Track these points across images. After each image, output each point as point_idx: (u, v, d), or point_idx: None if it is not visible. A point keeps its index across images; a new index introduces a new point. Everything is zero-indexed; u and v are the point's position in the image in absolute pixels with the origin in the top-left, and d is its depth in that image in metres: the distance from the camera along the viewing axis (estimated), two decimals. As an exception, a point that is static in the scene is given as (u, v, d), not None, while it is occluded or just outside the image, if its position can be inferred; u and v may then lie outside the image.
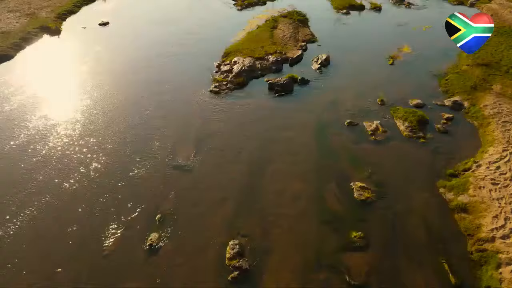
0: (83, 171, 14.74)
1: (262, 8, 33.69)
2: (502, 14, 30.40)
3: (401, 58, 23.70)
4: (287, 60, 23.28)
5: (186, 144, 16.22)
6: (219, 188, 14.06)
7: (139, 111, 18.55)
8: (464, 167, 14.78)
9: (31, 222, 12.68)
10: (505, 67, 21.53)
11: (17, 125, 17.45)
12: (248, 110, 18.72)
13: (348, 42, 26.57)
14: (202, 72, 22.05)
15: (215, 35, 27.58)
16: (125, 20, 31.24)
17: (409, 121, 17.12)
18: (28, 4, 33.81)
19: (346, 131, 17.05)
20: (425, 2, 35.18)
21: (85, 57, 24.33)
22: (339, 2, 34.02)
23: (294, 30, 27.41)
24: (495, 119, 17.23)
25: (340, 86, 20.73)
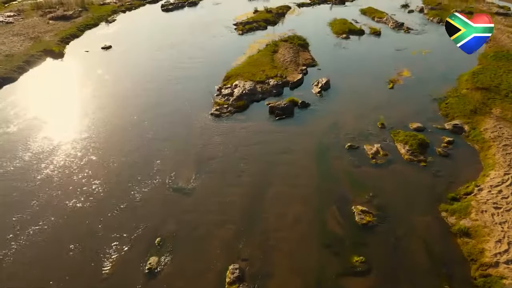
0: (84, 193, 14.69)
1: (263, 33, 34.22)
2: (501, 38, 30.81)
3: (401, 82, 23.91)
4: (288, 84, 23.49)
5: (186, 166, 16.22)
6: (219, 211, 13.98)
7: (139, 134, 18.64)
8: (465, 190, 14.70)
9: (31, 243, 12.56)
10: (505, 91, 21.68)
11: (19, 146, 17.52)
12: (249, 133, 18.78)
13: (348, 66, 26.87)
14: (203, 95, 22.24)
15: (216, 59, 27.96)
16: (128, 44, 31.72)
17: (409, 144, 17.14)
18: (32, 28, 34.44)
19: (346, 154, 17.05)
20: (423, 27, 35.74)
21: (87, 80, 24.62)
22: (339, 27, 34.57)
23: (295, 54, 27.76)
24: (496, 143, 17.24)
25: (341, 110, 20.85)
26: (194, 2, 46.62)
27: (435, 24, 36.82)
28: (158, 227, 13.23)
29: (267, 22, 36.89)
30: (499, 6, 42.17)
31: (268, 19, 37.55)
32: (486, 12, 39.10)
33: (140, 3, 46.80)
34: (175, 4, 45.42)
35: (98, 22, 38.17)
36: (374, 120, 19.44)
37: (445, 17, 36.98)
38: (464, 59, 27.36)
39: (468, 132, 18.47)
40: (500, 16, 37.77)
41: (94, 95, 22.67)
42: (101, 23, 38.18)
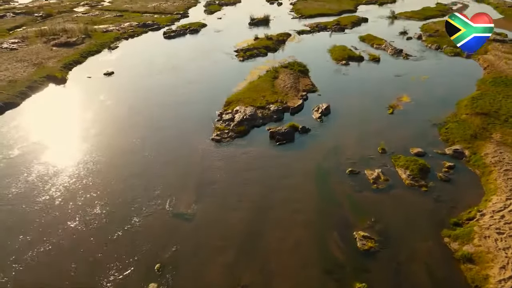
0: (85, 217, 14.62)
1: (264, 59, 34.67)
2: (499, 64, 31.16)
3: (400, 107, 24.05)
4: (288, 109, 23.64)
5: (187, 191, 16.16)
6: (219, 236, 13.85)
7: (140, 159, 18.66)
8: (468, 216, 14.58)
9: (30, 269, 12.43)
10: (504, 116, 21.78)
11: (20, 170, 17.56)
12: (250, 158, 18.78)
13: (348, 92, 27.09)
14: (204, 120, 22.35)
15: (217, 85, 28.23)
16: (130, 70, 32.12)
17: (410, 169, 17.11)
18: (36, 55, 34.97)
19: (347, 179, 16.99)
20: (422, 53, 36.20)
21: (89, 105, 24.84)
22: (339, 53, 35.04)
23: (295, 80, 28.04)
24: (497, 168, 17.20)
25: (341, 135, 20.90)
26: (195, 30, 47.43)
27: (433, 51, 37.31)
28: (158, 252, 13.08)
29: (268, 49, 37.43)
30: (496, 33, 42.76)
31: (268, 46, 38.10)
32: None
33: (143, 31, 47.62)
34: (177, 32, 46.21)
35: (101, 48, 38.78)
36: (374, 145, 19.46)
37: (443, 44, 37.71)
38: (462, 85, 27.71)
39: (469, 157, 18.45)
40: (497, 43, 38.30)
41: (95, 119, 22.82)
42: (104, 49, 38.77)
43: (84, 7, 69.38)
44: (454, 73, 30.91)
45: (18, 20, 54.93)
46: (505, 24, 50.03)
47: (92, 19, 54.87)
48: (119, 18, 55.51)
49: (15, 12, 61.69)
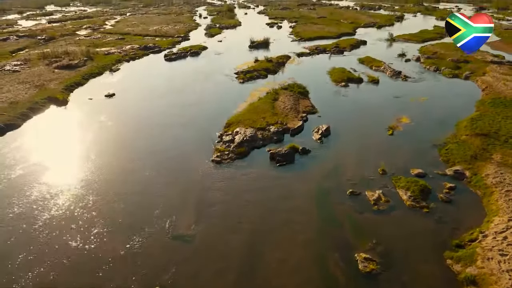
0: (83, 238, 14.45)
1: (264, 81, 34.98)
2: (497, 86, 31.40)
3: (400, 128, 24.13)
4: (288, 131, 23.70)
5: (187, 212, 16.06)
6: (219, 258, 13.69)
7: (140, 180, 18.61)
8: (470, 237, 14.44)
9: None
10: (504, 137, 21.82)
11: (20, 191, 17.49)
12: (250, 179, 18.73)
13: (348, 113, 27.24)
14: (204, 142, 22.40)
15: (217, 106, 28.41)
16: (131, 92, 32.38)
17: (411, 190, 17.05)
18: (38, 76, 35.32)
19: (348, 200, 16.91)
20: (421, 75, 36.55)
21: (90, 127, 24.94)
22: (338, 75, 35.38)
23: (295, 101, 28.22)
24: (498, 188, 17.13)
25: (341, 156, 20.91)
26: (196, 52, 48.04)
27: (431, 72, 37.68)
28: (157, 275, 12.89)
29: (268, 71, 37.82)
30: (493, 55, 43.33)
31: (268, 68, 38.51)
32: (480, 60, 40.14)
33: (144, 53, 48.25)
34: (178, 54, 46.80)
35: (102, 71, 39.22)
36: (375, 166, 19.44)
37: (441, 66, 38.13)
38: (461, 106, 27.87)
39: (470, 178, 18.40)
40: (495, 64, 38.71)
41: (96, 140, 22.89)
42: (105, 72, 39.21)
43: (86, 30, 70.46)
44: (453, 94, 31.14)
45: (21, 43, 55.72)
46: (502, 46, 50.70)
47: (94, 42, 55.62)
48: (120, 41, 56.28)
49: (18, 35, 62.60)
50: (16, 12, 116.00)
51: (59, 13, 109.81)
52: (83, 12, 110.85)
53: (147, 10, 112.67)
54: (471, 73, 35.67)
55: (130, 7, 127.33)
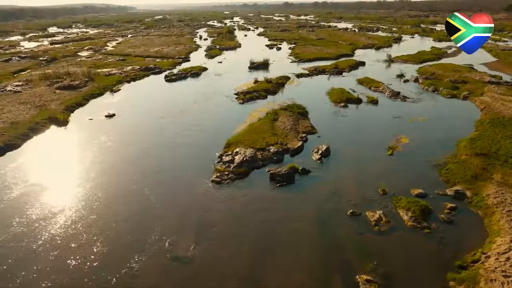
0: (82, 260, 14.31)
1: (263, 102, 35.18)
2: (495, 106, 31.56)
3: (400, 148, 24.14)
4: (288, 151, 23.70)
5: (186, 234, 15.92)
6: (219, 280, 13.50)
7: (139, 200, 18.52)
8: (472, 258, 14.29)
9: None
10: (504, 156, 21.81)
11: (19, 211, 17.42)
12: (250, 200, 18.64)
13: (347, 133, 27.30)
14: (204, 162, 22.37)
15: (217, 127, 28.50)
16: (131, 112, 32.54)
17: (412, 211, 16.95)
18: (39, 97, 35.55)
19: (349, 221, 16.79)
20: (419, 95, 36.77)
21: (89, 147, 24.98)
22: (337, 96, 35.60)
23: (294, 122, 28.32)
24: (499, 209, 17.04)
25: (341, 176, 20.85)
26: (196, 73, 48.47)
27: (430, 93, 37.92)
28: (155, 298, 12.72)
29: (267, 92, 38.09)
30: (490, 76, 43.68)
31: (268, 89, 38.80)
32: (478, 81, 40.46)
33: (145, 74, 48.69)
34: (178, 75, 47.21)
35: (103, 91, 39.53)
36: (375, 187, 19.38)
37: (439, 86, 38.41)
38: (460, 126, 27.95)
39: (471, 198, 18.33)
40: (493, 85, 38.98)
41: (95, 161, 22.86)
42: (106, 92, 39.52)
43: (88, 51, 71.27)
44: (451, 115, 31.27)
45: (23, 64, 56.33)
46: (499, 66, 51.18)
47: (96, 63, 56.21)
48: (122, 62, 56.87)
49: (20, 56, 63.35)
50: (19, 33, 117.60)
51: (61, 35, 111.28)
52: (85, 34, 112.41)
53: (148, 32, 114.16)
54: (469, 93, 35.91)
55: (131, 29, 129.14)
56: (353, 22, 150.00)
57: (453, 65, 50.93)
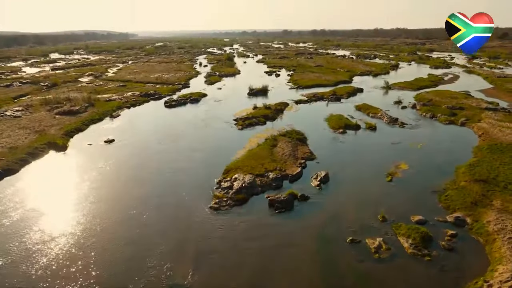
0: (80, 286, 14.09)
1: (262, 128, 35.34)
2: (493, 132, 31.74)
3: (399, 174, 24.12)
4: (287, 177, 23.66)
5: (183, 261, 15.70)
6: (217, 310, 13.26)
7: (137, 227, 18.33)
8: (474, 287, 14.08)
9: None
10: (503, 182, 21.79)
11: (15, 238, 17.21)
12: (249, 227, 18.48)
13: (346, 159, 27.32)
14: (203, 188, 22.29)
15: (216, 153, 28.52)
16: (130, 138, 32.60)
17: (412, 238, 16.80)
18: (39, 122, 35.70)
19: (348, 248, 16.61)
20: (417, 122, 37.03)
21: (88, 172, 24.89)
22: (335, 122, 35.82)
23: (293, 148, 28.38)
24: (500, 236, 16.91)
25: (340, 203, 20.76)
26: (196, 99, 48.88)
27: (428, 119, 38.20)
28: (151, 328, 12.44)
29: (266, 118, 38.32)
30: (487, 102, 44.12)
31: (267, 115, 39.04)
32: (475, 107, 40.80)
33: (144, 100, 49.06)
34: (178, 101, 47.58)
35: (103, 117, 39.72)
36: (374, 213, 19.26)
37: (437, 112, 38.71)
38: (459, 152, 28.04)
39: (471, 225, 18.20)
40: (490, 111, 39.32)
41: (93, 187, 22.75)
42: (106, 118, 39.72)
43: (88, 77, 72.02)
44: (449, 141, 31.41)
45: (24, 89, 56.80)
46: (496, 93, 51.77)
47: (96, 88, 56.71)
48: (122, 88, 57.38)
49: (21, 81, 63.94)
50: (21, 59, 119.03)
51: (62, 61, 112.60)
52: (86, 60, 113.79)
53: (149, 58, 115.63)
54: (467, 120, 36.18)
55: (132, 55, 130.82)
56: (350, 50, 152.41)
57: (450, 91, 51.52)
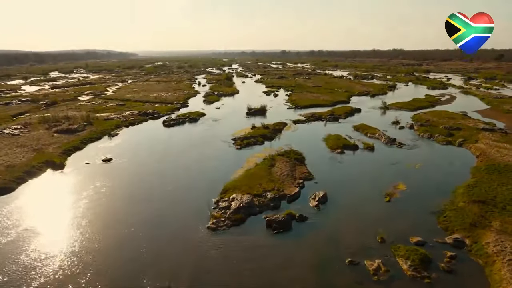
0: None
1: (261, 147, 35.36)
2: (490, 153, 31.81)
3: (397, 195, 24.06)
4: (285, 197, 23.56)
5: (180, 281, 15.50)
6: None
7: (134, 247, 18.13)
8: (474, 310, 13.91)
9: None
10: (501, 203, 21.74)
11: (9, 258, 17.01)
12: (246, 247, 18.30)
13: (344, 179, 27.28)
14: (201, 208, 22.15)
15: (214, 172, 28.44)
16: (128, 157, 32.54)
17: (411, 259, 16.64)
18: (37, 140, 35.68)
19: (347, 269, 16.44)
20: (415, 142, 37.13)
21: (84, 192, 24.75)
22: (333, 142, 35.89)
23: (291, 168, 28.35)
24: (500, 257, 16.78)
25: (339, 223, 20.64)
26: (194, 119, 49.03)
27: (425, 139, 38.32)
28: None
29: (264, 138, 38.38)
30: (484, 123, 44.36)
31: (265, 135, 39.12)
32: (472, 128, 41.00)
33: (143, 119, 49.18)
34: (176, 120, 47.70)
35: (101, 135, 39.73)
36: (373, 234, 19.13)
37: (434, 133, 38.85)
38: (457, 172, 28.03)
39: (470, 246, 18.07)
40: (487, 132, 39.50)
41: (90, 206, 22.59)
42: (104, 136, 39.72)
43: (88, 96, 72.39)
44: (447, 161, 31.44)
45: (23, 107, 56.96)
46: (492, 114, 52.10)
47: (95, 107, 56.91)
48: (121, 107, 57.57)
49: (21, 99, 64.17)
50: (21, 77, 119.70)
51: (62, 79, 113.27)
52: (86, 79, 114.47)
53: (148, 78, 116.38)
54: (464, 140, 36.30)
55: (131, 74, 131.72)
56: (348, 70, 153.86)
57: (447, 112, 51.84)
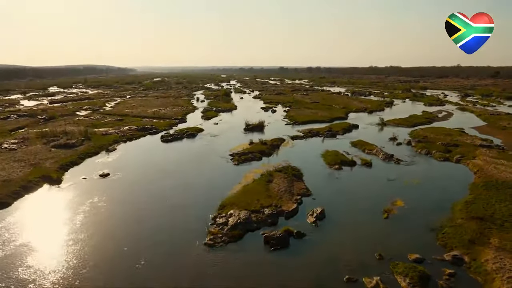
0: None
1: (258, 163, 35.32)
2: (488, 169, 31.84)
3: (395, 211, 23.97)
4: (283, 213, 23.45)
5: (176, 300, 15.31)
6: None
7: (129, 264, 17.92)
8: (474, 329, 13.75)
9: None
10: (500, 220, 21.68)
11: (2, 275, 16.74)
12: (244, 264, 18.13)
13: (342, 195, 27.21)
14: (197, 224, 21.99)
15: (212, 188, 28.35)
16: (125, 172, 32.43)
17: (410, 277, 16.50)
18: (34, 155, 35.58)
19: (345, 287, 16.27)
20: (413, 158, 37.19)
21: (81, 207, 24.59)
22: (331, 158, 35.90)
23: (289, 184, 28.29)
24: (499, 275, 16.65)
25: (337, 240, 20.50)
26: (192, 134, 49.07)
27: (423, 156, 38.38)
28: None
29: (262, 153, 38.36)
30: (482, 139, 44.54)
31: (263, 151, 39.11)
32: (470, 144, 41.13)
33: (141, 134, 49.21)
34: (174, 136, 47.75)
35: (99, 150, 39.68)
36: (371, 251, 18.99)
37: (432, 149, 38.94)
38: (455, 189, 28.02)
39: (469, 264, 17.94)
40: (484, 148, 39.62)
41: (86, 222, 22.41)
42: (102, 151, 39.67)
43: (86, 111, 72.57)
44: (445, 177, 31.45)
45: (21, 122, 57.01)
46: (489, 130, 52.35)
47: (93, 122, 56.96)
48: (119, 122, 57.64)
49: (19, 114, 64.21)
50: (19, 92, 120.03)
51: (61, 94, 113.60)
52: (85, 94, 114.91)
53: (147, 93, 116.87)
54: (462, 157, 36.36)
55: (130, 90, 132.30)
56: (346, 87, 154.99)
57: (445, 128, 52.06)
